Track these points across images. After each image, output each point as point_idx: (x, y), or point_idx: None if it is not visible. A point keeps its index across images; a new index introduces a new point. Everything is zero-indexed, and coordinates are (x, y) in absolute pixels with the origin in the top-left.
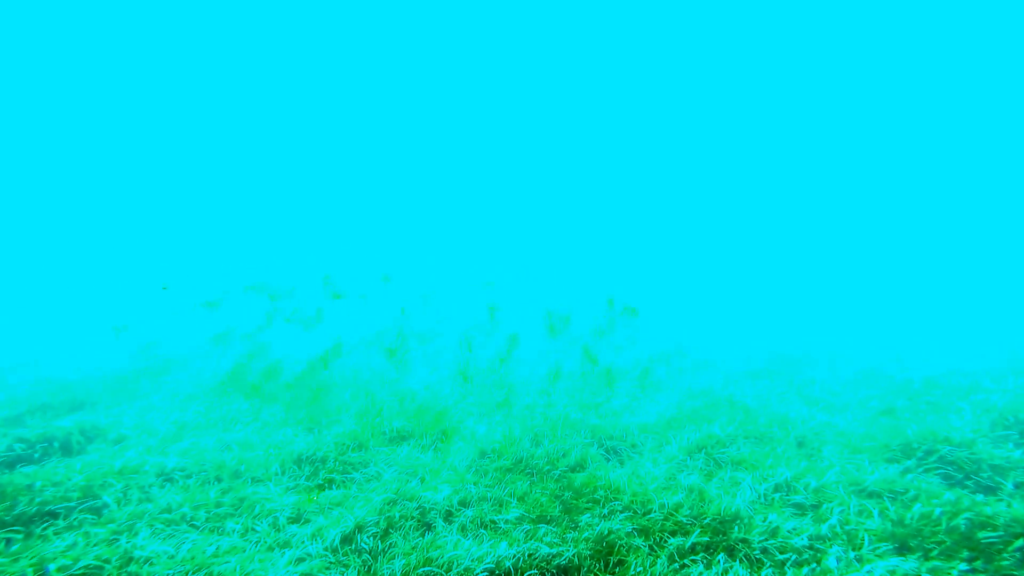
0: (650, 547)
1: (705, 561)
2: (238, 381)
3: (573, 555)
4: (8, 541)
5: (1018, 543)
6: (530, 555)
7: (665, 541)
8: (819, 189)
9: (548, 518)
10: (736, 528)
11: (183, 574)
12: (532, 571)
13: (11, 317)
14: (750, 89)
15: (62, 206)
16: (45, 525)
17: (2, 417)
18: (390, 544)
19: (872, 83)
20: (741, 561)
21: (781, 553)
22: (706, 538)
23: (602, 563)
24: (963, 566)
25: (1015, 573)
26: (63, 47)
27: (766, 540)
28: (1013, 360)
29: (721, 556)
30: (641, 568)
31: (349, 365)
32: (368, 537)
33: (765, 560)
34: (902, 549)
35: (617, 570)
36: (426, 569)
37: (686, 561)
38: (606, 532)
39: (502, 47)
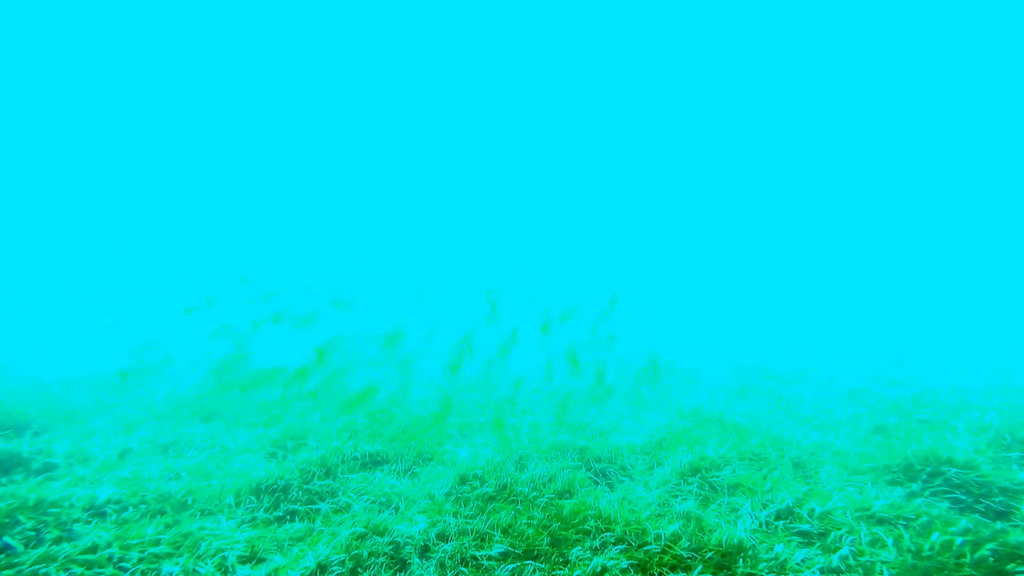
0: None
1: None
2: (194, 400)
3: None
4: None
5: None
6: None
7: None
8: (811, 200)
9: (535, 553)
10: (741, 561)
11: None
12: None
13: None
14: (748, 98)
15: (53, 208)
16: None
17: None
18: None
19: (870, 93)
20: None
21: None
22: (709, 574)
23: None
24: None
25: None
26: (50, 48)
27: (774, 574)
28: (996, 376)
29: None
30: None
31: (323, 379)
32: None
33: None
34: None
35: None
36: None
37: None
38: (600, 569)
39: (502, 50)
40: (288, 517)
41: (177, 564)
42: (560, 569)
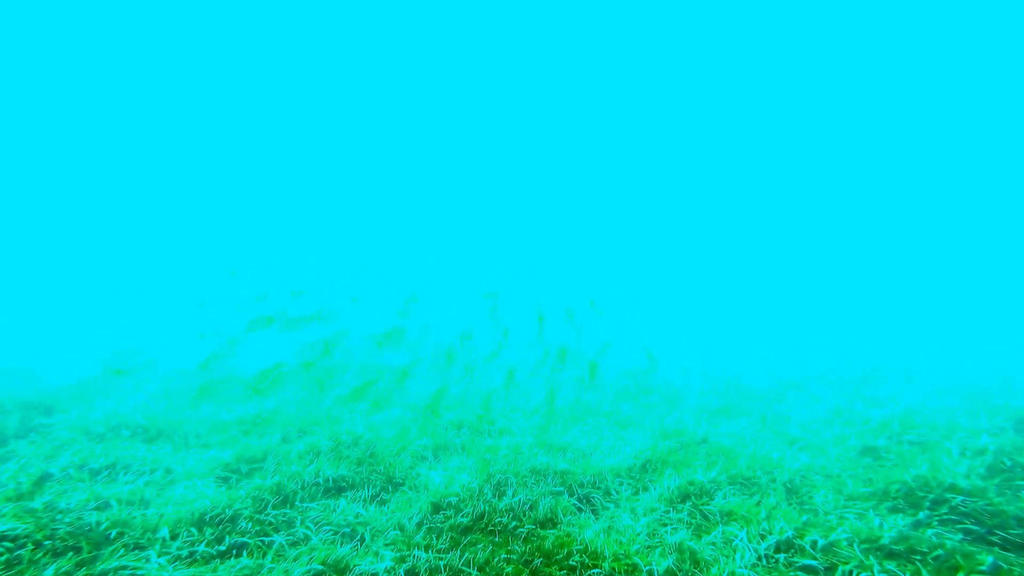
0: None
1: None
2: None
3: None
4: None
5: None
6: None
7: None
8: (787, 212)
9: None
10: None
11: None
12: None
13: None
14: (744, 109)
15: (31, 207)
16: None
17: None
18: None
19: (854, 105)
20: None
21: None
22: None
23: None
24: None
25: None
26: (37, 44)
27: None
28: (978, 396)
29: None
30: None
31: (286, 396)
32: None
33: None
34: None
35: None
36: None
37: None
38: None
39: (496, 57)
40: (234, 552)
41: None
42: None
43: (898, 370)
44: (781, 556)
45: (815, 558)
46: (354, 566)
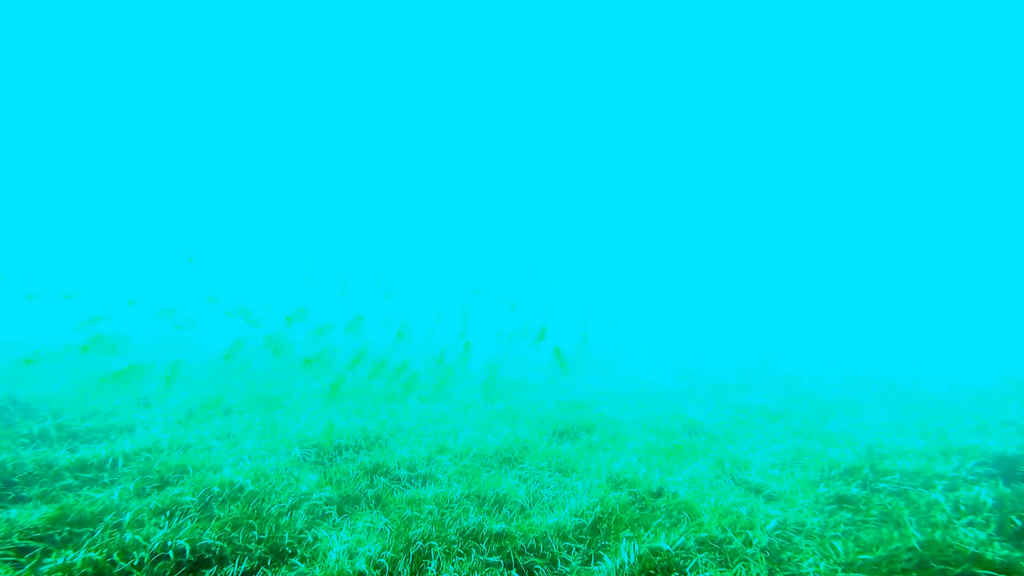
0: None
1: None
2: None
3: None
4: None
5: None
6: None
7: None
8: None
9: None
10: None
11: None
12: None
13: None
14: (745, 121)
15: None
16: None
17: None
18: None
19: (869, 109)
20: None
21: None
22: None
23: None
24: None
25: None
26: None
27: None
28: (935, 435)
29: None
30: None
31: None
32: None
33: None
34: None
35: None
36: None
37: None
38: None
39: (490, 56)
40: None
41: None
42: None
43: (845, 399)
44: None
45: None
46: None
